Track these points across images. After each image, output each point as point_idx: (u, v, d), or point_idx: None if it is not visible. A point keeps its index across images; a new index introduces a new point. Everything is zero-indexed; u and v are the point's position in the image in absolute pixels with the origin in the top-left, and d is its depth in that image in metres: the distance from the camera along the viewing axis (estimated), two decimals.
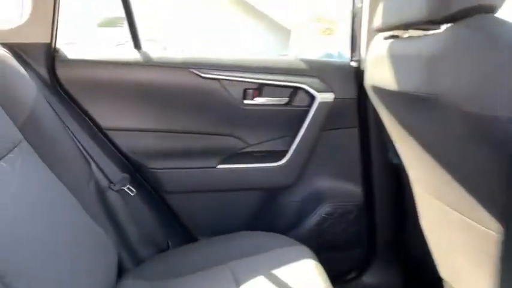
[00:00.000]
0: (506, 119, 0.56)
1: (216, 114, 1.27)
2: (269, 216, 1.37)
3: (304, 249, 1.10)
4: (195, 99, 1.25)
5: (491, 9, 0.65)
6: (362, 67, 1.29)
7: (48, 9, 1.14)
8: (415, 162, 0.90)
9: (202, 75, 1.23)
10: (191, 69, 1.23)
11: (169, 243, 1.28)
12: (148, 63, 1.24)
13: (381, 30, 0.90)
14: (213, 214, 1.33)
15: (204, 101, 1.26)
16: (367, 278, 1.42)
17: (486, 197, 0.66)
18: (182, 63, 1.24)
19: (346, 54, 1.39)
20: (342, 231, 1.38)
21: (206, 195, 1.31)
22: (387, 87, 0.86)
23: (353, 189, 1.38)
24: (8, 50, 1.07)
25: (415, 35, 0.81)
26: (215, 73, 1.24)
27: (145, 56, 1.26)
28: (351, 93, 1.31)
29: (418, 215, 0.99)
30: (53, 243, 0.83)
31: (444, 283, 0.97)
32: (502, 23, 0.62)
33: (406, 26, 0.80)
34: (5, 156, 0.84)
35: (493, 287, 0.71)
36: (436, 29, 0.74)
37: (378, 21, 0.89)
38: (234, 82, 1.26)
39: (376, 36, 0.98)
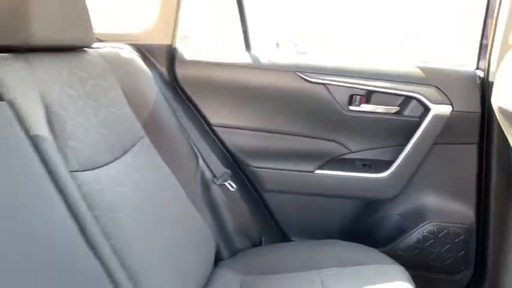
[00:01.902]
0: None
1: (320, 118, 1.26)
2: (365, 227, 1.33)
3: (401, 269, 1.05)
4: (299, 102, 1.26)
5: None
6: (490, 78, 1.14)
7: (171, 15, 1.24)
8: None
9: (309, 79, 1.23)
10: (298, 73, 1.23)
11: (263, 240, 1.33)
12: (257, 66, 1.28)
13: None
14: (307, 217, 1.34)
15: (309, 104, 1.26)
16: None
17: None
18: (290, 67, 1.25)
19: None
20: (446, 253, 1.28)
21: (302, 198, 1.33)
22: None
23: (463, 210, 1.26)
24: (135, 50, 1.21)
25: None
26: (321, 77, 1.23)
27: (254, 58, 1.29)
28: (473, 106, 1.18)
29: None
30: (164, 231, 0.93)
31: None
32: None
33: None
34: (130, 149, 0.94)
35: None
36: None
37: None
38: (340, 87, 1.22)
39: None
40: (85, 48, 0.93)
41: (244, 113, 1.30)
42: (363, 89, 1.22)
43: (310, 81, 1.23)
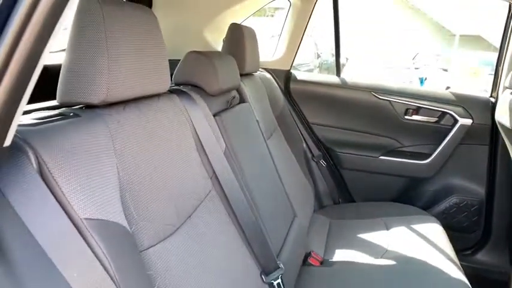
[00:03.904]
0: None
1: (384, 122, 1.93)
2: (410, 197, 1.95)
3: (436, 220, 1.66)
4: (371, 111, 1.93)
5: None
6: (497, 103, 1.77)
7: (293, 50, 1.96)
8: None
9: (379, 96, 1.90)
10: (372, 92, 1.91)
11: (340, 200, 2.00)
12: (344, 86, 1.96)
13: (508, 88, 1.43)
14: (371, 187, 1.99)
15: (377, 113, 1.92)
16: (480, 256, 1.91)
17: None
18: (366, 88, 1.93)
19: None
20: (464, 218, 1.90)
21: (368, 174, 1.98)
22: (506, 125, 1.40)
23: (477, 188, 1.88)
24: (269, 72, 1.92)
25: None
26: (387, 96, 1.90)
27: (342, 80, 1.98)
28: (486, 120, 1.81)
29: None
30: (284, 183, 1.49)
31: None
32: None
33: None
34: (270, 137, 1.60)
35: None
36: None
37: (507, 81, 1.42)
38: (399, 103, 1.89)
39: (506, 89, 1.50)
40: (253, 73, 1.64)
41: (332, 116, 1.98)
42: (415, 105, 1.88)
43: (379, 98, 1.90)
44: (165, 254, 0.69)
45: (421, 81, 7.80)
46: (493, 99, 1.83)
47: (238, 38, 1.43)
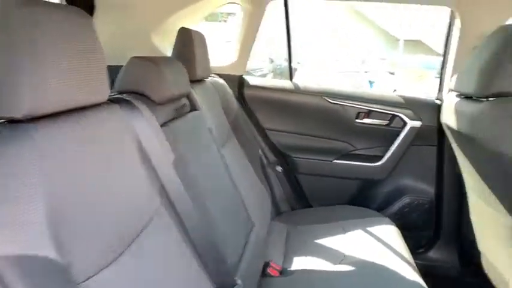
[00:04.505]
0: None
1: (337, 127, 1.94)
2: (364, 199, 1.98)
3: (390, 221, 1.69)
4: (324, 115, 1.93)
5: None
6: (443, 106, 1.84)
7: (245, 56, 1.92)
8: (468, 175, 1.46)
9: (331, 101, 1.91)
10: (324, 97, 1.92)
11: (297, 206, 1.99)
12: (297, 91, 1.95)
13: (453, 90, 1.48)
14: (326, 191, 1.99)
15: (330, 117, 1.93)
16: (432, 254, 1.97)
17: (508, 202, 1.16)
18: (318, 92, 1.93)
19: None
20: (416, 217, 1.95)
21: (323, 178, 1.98)
22: (451, 126, 1.44)
23: (427, 188, 1.94)
24: (221, 78, 1.87)
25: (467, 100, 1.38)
26: (339, 100, 1.91)
27: (295, 85, 1.97)
28: (433, 122, 1.87)
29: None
30: (240, 191, 1.43)
31: (482, 254, 1.50)
32: None
33: (461, 94, 1.38)
34: (224, 145, 1.54)
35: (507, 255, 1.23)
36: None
37: (451, 84, 1.47)
38: (350, 107, 1.91)
39: (451, 92, 1.55)
40: (205, 79, 1.59)
41: (286, 121, 1.97)
42: (366, 109, 1.91)
43: (331, 103, 1.91)
44: (108, 283, 0.62)
45: (370, 84, 8.10)
46: (439, 102, 1.90)
47: (188, 43, 1.37)
